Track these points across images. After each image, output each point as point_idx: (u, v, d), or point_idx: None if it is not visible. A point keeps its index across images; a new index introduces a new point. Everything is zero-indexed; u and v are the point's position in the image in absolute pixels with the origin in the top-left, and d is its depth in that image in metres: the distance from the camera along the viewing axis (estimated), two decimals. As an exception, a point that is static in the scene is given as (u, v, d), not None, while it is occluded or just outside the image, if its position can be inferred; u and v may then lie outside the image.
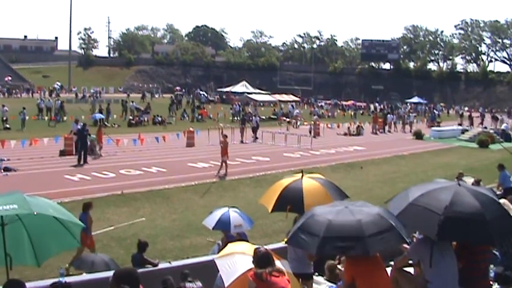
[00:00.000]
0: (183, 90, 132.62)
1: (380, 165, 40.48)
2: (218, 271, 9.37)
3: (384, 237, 8.29)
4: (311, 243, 8.43)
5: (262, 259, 8.29)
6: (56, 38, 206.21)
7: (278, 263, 8.61)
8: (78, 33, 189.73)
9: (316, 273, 12.04)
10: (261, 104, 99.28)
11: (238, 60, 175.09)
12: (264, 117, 75.75)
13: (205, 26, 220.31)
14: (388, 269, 9.39)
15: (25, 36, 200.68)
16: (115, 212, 24.47)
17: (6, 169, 32.94)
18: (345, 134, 60.96)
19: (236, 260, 9.20)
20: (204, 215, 17.35)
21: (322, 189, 12.69)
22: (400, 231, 8.45)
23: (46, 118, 63.86)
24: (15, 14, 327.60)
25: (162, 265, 13.97)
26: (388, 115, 74.30)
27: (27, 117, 55.23)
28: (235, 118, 69.64)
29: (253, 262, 8.40)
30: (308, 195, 12.28)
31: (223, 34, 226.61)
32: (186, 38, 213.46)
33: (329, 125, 65.21)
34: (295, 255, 11.02)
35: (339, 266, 10.21)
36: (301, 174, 13.31)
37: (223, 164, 34.27)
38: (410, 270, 10.21)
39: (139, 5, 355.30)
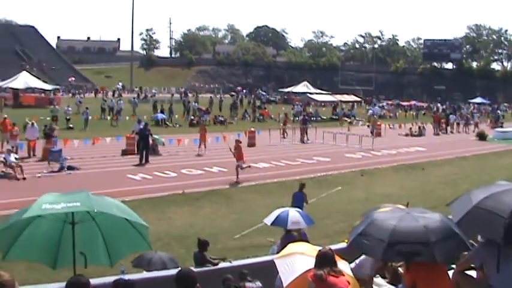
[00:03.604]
0: (244, 90, 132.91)
1: (442, 167, 39.98)
2: (277, 271, 9.37)
3: (449, 243, 8.14)
4: (376, 248, 8.33)
5: (323, 259, 8.25)
6: (118, 39, 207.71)
7: (339, 264, 8.56)
8: (140, 34, 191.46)
9: (378, 275, 11.97)
10: (322, 104, 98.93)
11: (300, 60, 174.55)
12: (325, 118, 75.62)
13: (266, 26, 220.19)
14: (450, 272, 9.27)
15: (88, 38, 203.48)
16: (176, 211, 24.66)
17: (69, 168, 33.45)
18: (407, 135, 60.35)
19: (295, 261, 9.18)
20: (265, 215, 17.40)
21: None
22: (464, 238, 8.32)
23: (108, 118, 64.67)
24: (79, 16, 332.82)
25: (223, 264, 14.04)
26: (451, 115, 73.40)
27: (90, 117, 56.03)
28: (296, 118, 69.46)
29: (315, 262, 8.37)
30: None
31: (284, 34, 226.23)
32: (247, 39, 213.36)
33: (391, 126, 64.71)
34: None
35: (399, 269, 10.11)
36: (406, 205, 13.43)
37: (238, 170, 32.25)
38: (472, 273, 10.06)
39: (201, 5, 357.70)
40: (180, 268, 10.24)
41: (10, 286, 5.85)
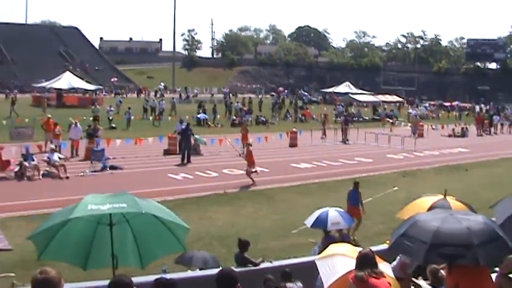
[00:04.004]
0: (286, 90, 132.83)
1: (486, 168, 39.46)
2: (318, 272, 9.36)
3: (493, 246, 8.03)
4: (417, 250, 8.25)
5: (364, 260, 8.23)
6: (160, 39, 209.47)
7: (380, 266, 8.53)
8: (182, 35, 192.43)
9: (420, 277, 11.89)
10: (364, 104, 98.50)
11: (341, 60, 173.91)
12: (366, 118, 75.30)
13: (308, 26, 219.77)
14: (493, 275, 9.16)
15: (130, 38, 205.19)
16: (218, 211, 24.71)
17: (112, 167, 33.76)
18: (449, 136, 59.79)
19: (337, 262, 9.17)
20: (306, 216, 17.39)
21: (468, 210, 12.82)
22: (507, 240, 8.21)
23: (151, 118, 65.08)
24: (121, 17, 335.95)
25: (264, 265, 14.06)
26: (494, 116, 72.52)
27: (132, 117, 56.45)
28: (338, 119, 69.21)
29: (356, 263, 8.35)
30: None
31: (326, 34, 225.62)
32: (289, 39, 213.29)
33: (433, 126, 64.22)
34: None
35: (441, 271, 10.03)
36: (443, 195, 13.44)
37: (249, 174, 31.03)
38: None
39: (242, 6, 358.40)
40: (221, 268, 10.28)
41: (56, 283, 5.91)
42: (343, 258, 9.16)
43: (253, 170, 30.45)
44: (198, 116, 62.05)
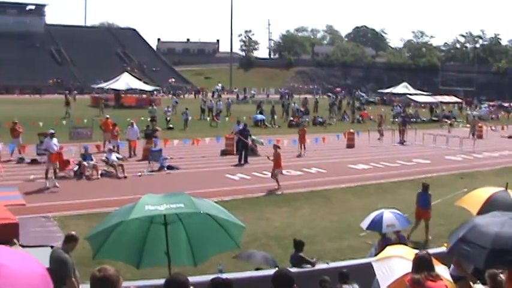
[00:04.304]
0: (343, 91, 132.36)
1: (547, 170, 38.75)
2: (375, 274, 9.30)
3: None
4: (477, 255, 8.12)
5: (420, 263, 8.13)
6: (218, 40, 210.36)
7: (437, 269, 8.43)
8: (239, 36, 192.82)
9: (478, 281, 11.72)
10: (422, 105, 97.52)
11: (399, 60, 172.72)
12: (424, 119, 74.58)
13: (365, 26, 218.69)
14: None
15: (188, 40, 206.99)
16: (275, 212, 24.69)
17: (169, 167, 34.00)
18: (510, 137, 58.69)
19: (393, 264, 9.10)
20: (362, 217, 17.29)
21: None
22: None
23: (208, 118, 65.43)
24: (179, 18, 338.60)
25: (320, 266, 14.01)
26: (558, 116, 71.33)
27: (189, 118, 56.84)
28: (395, 119, 68.67)
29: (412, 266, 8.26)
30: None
31: (383, 35, 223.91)
32: (346, 39, 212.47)
33: (493, 127, 63.29)
34: None
35: (501, 275, 9.86)
36: (505, 186, 13.50)
37: (275, 178, 29.86)
38: None
39: (299, 6, 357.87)
40: (277, 268, 10.27)
41: (115, 281, 5.98)
42: (400, 260, 9.08)
43: (280, 173, 29.87)
44: (256, 116, 62.15)
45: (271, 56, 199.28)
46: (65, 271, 11.07)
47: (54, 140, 29.43)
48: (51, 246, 18.70)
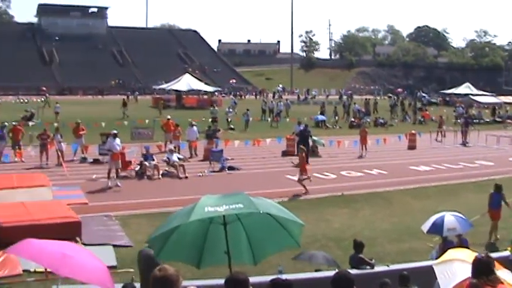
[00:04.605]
0: (405, 91, 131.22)
1: None
2: (436, 277, 9.19)
3: None
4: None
5: (478, 266, 7.97)
6: (278, 41, 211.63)
7: (500, 273, 8.26)
8: (300, 36, 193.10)
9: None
10: (485, 106, 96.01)
11: (461, 60, 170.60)
12: (487, 120, 73.47)
13: (427, 26, 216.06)
14: None
15: (248, 41, 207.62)
16: (335, 213, 24.60)
17: (230, 168, 34.16)
18: None
19: (455, 268, 8.98)
20: (423, 220, 17.10)
21: None
22: None
23: (269, 119, 65.53)
24: (239, 20, 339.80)
25: (380, 268, 13.91)
26: None
27: (250, 119, 57.00)
28: (458, 120, 67.77)
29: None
30: None
31: (445, 34, 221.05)
32: (407, 39, 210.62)
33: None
34: None
35: None
36: None
37: (301, 182, 28.98)
38: None
39: (360, 7, 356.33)
40: (337, 270, 10.22)
41: (174, 281, 6.02)
42: (461, 264, 8.95)
43: (305, 177, 29.01)
44: (317, 117, 61.98)
45: (332, 57, 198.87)
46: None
47: (117, 140, 29.83)
48: (113, 245, 19.04)
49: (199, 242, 9.70)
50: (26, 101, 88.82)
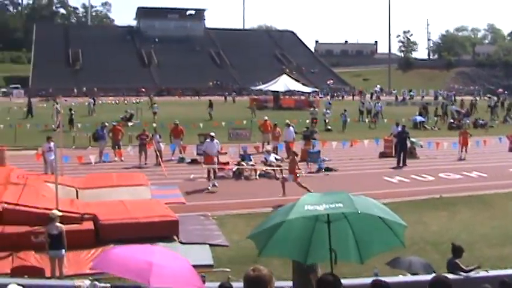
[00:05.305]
0: (506, 92, 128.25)
1: None
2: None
3: None
4: None
5: None
6: (376, 41, 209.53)
7: None
8: (398, 37, 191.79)
9: None
10: None
11: None
12: None
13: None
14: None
15: (346, 41, 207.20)
16: (433, 216, 24.24)
17: (327, 169, 34.13)
18: None
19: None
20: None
21: None
22: None
23: (366, 120, 65.16)
24: (336, 20, 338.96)
25: (480, 273, 13.66)
26: None
27: (348, 119, 56.79)
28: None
29: None
30: None
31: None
32: (509, 38, 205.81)
33: None
34: None
35: None
36: None
37: (283, 184, 27.46)
38: None
39: (459, 6, 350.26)
40: (435, 274, 10.10)
41: (268, 281, 6.06)
42: None
43: (292, 181, 27.24)
44: (415, 118, 61.15)
45: (431, 57, 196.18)
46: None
47: (215, 143, 30.16)
48: (210, 244, 19.29)
49: (306, 238, 9.70)
50: (126, 102, 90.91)
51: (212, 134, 31.14)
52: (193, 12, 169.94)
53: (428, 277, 8.77)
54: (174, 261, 10.22)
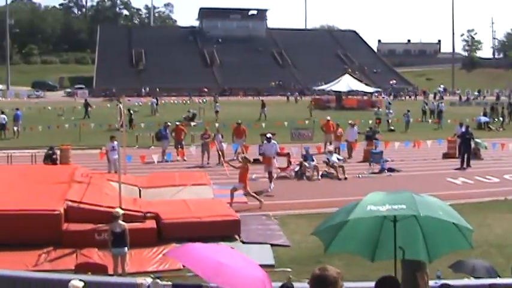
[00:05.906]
0: None
1: None
2: None
3: None
4: None
5: None
6: (439, 40, 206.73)
7: None
8: (461, 35, 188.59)
9: None
10: None
11: None
12: None
13: None
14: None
15: (408, 40, 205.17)
16: (497, 218, 23.81)
17: (390, 170, 33.87)
18: None
19: None
20: None
21: None
22: None
23: (430, 121, 64.51)
24: (399, 19, 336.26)
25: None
26: None
27: (411, 120, 56.31)
28: None
29: None
30: None
31: None
32: None
33: None
34: None
35: None
36: None
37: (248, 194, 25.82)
38: None
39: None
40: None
41: (333, 282, 6.00)
42: None
43: (244, 192, 25.79)
44: (479, 118, 60.27)
45: (495, 56, 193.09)
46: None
47: (272, 143, 30.20)
48: (271, 244, 19.30)
49: (374, 235, 9.67)
50: (185, 102, 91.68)
51: (268, 135, 31.19)
52: (255, 12, 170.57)
53: (490, 281, 8.63)
54: (246, 266, 10.09)
